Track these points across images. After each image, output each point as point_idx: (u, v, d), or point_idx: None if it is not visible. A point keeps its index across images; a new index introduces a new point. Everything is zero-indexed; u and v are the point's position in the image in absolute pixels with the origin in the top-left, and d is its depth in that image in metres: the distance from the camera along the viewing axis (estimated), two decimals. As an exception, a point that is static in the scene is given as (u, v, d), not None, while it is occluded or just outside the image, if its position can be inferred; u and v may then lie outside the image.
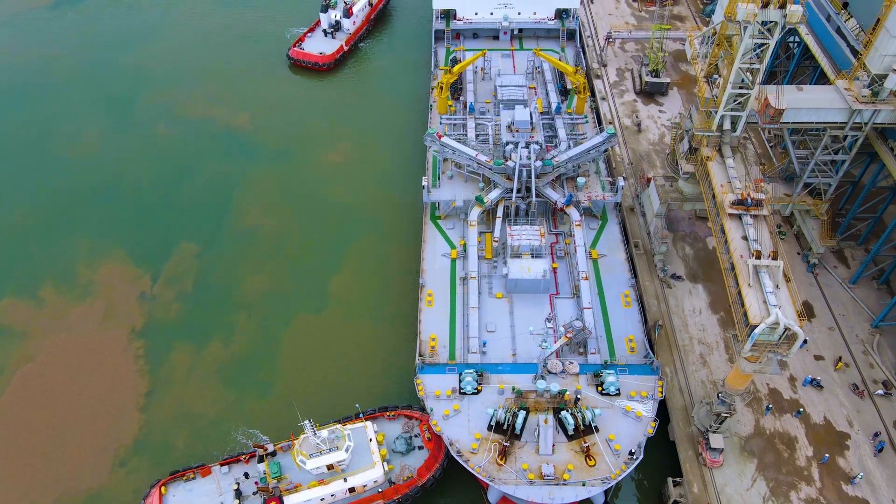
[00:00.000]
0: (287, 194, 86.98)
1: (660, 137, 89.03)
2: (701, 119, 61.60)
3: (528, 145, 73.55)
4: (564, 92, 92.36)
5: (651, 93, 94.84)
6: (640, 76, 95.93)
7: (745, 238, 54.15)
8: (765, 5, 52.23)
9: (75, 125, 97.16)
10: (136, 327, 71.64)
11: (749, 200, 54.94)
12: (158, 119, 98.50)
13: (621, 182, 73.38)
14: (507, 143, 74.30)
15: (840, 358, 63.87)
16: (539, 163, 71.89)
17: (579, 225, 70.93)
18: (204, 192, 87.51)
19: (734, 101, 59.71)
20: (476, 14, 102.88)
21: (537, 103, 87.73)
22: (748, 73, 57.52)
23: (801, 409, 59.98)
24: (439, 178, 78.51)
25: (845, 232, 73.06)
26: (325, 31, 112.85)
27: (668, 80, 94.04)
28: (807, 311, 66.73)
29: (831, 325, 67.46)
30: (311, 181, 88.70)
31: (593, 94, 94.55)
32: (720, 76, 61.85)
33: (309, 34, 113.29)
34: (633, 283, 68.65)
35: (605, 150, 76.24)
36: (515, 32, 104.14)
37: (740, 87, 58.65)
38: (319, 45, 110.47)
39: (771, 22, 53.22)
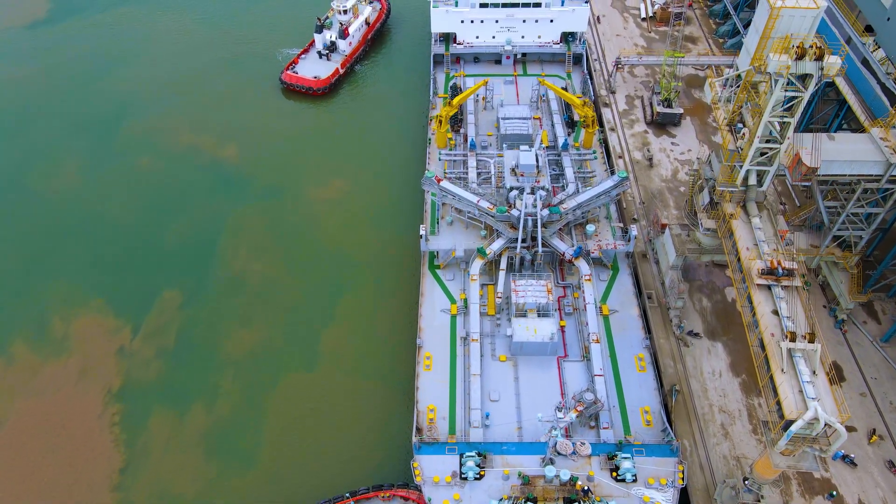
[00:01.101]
0: (277, 236, 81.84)
1: (673, 173, 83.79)
2: (724, 173, 56.34)
3: (533, 191, 68.41)
4: (571, 123, 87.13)
5: (663, 123, 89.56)
6: (651, 105, 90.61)
7: (776, 313, 48.99)
8: (800, 57, 46.99)
9: (52, 157, 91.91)
10: (112, 388, 66.59)
11: (780, 270, 49.75)
12: (141, 150, 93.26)
13: (634, 231, 68.15)
14: (512, 189, 69.12)
15: (874, 430, 58.72)
16: (546, 211, 66.73)
17: (589, 279, 65.73)
18: (189, 233, 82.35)
19: (761, 154, 54.52)
20: (477, 38, 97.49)
21: (543, 137, 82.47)
22: (778, 126, 52.28)
23: (834, 492, 54.89)
24: (438, 223, 73.32)
25: (876, 283, 67.71)
26: (319, 52, 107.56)
27: (681, 110, 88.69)
28: (836, 374, 61.60)
29: (863, 391, 62.28)
30: (303, 221, 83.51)
31: (601, 125, 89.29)
32: (745, 126, 56.63)
33: (303, 55, 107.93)
34: (648, 344, 63.49)
35: (617, 195, 71.13)
36: (519, 57, 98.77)
37: (768, 141, 53.44)
38: (314, 68, 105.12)
39: (806, 74, 48.04)
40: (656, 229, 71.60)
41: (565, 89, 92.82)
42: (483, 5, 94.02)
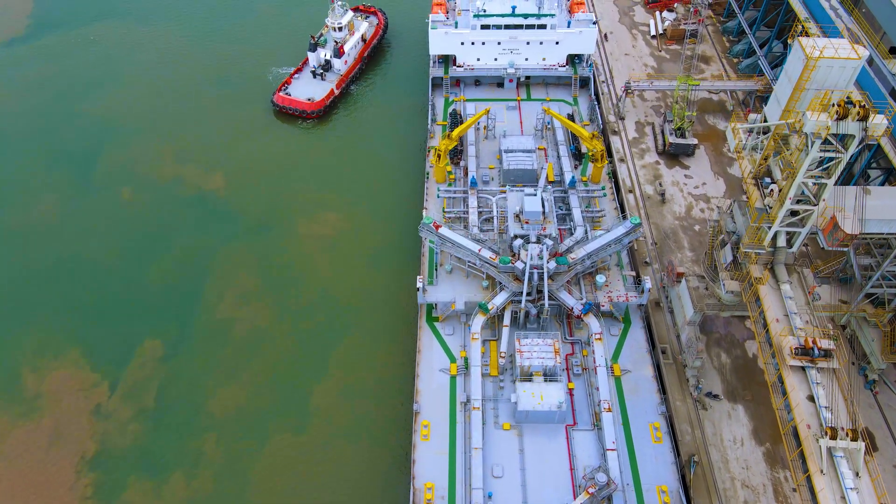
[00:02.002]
0: (266, 278, 76.80)
1: (687, 210, 78.66)
2: (750, 234, 51.27)
3: (539, 240, 63.41)
4: (578, 155, 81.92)
5: (675, 154, 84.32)
6: (663, 133, 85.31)
7: (812, 399, 44.15)
8: (841, 117, 41.90)
9: (26, 190, 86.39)
10: (86, 454, 61.83)
11: (816, 350, 44.83)
12: (123, 181, 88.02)
13: (648, 284, 63.13)
14: (516, 237, 64.10)
15: (912, 511, 54.02)
16: (552, 264, 61.72)
17: (600, 339, 60.70)
18: (173, 274, 77.29)
19: (792, 215, 49.47)
20: (478, 60, 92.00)
21: (548, 171, 77.33)
22: (812, 187, 47.24)
23: (870, 586, 50.19)
24: (436, 270, 68.33)
25: (909, 340, 62.90)
26: (313, 71, 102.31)
27: (695, 141, 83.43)
28: (868, 443, 56.73)
29: (897, 463, 57.62)
30: (293, 261, 78.42)
31: (610, 155, 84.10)
32: (773, 180, 51.48)
33: (296, 75, 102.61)
34: (664, 411, 58.65)
35: (629, 243, 66.11)
36: (522, 80, 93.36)
37: (800, 201, 48.38)
38: (308, 89, 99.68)
39: (847, 135, 42.96)
40: (671, 278, 66.57)
41: (571, 116, 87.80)
42: (485, 27, 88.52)
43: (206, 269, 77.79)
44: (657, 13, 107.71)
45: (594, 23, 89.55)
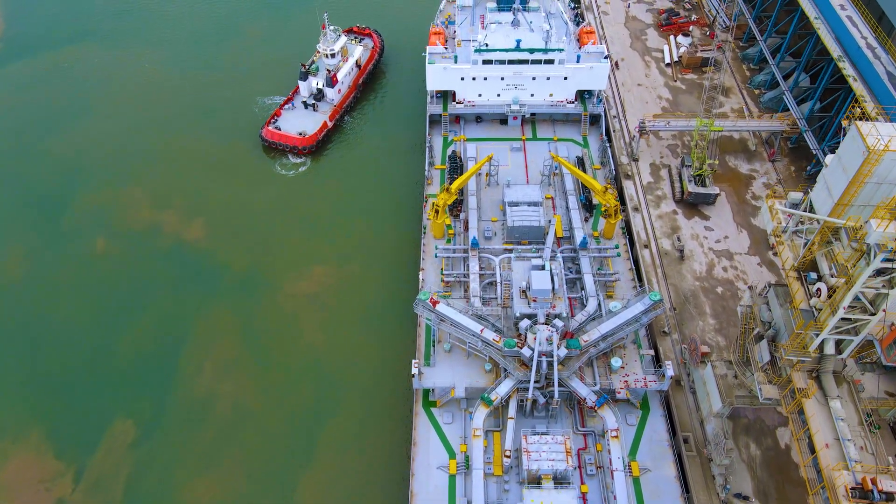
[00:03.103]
0: (248, 345, 70.31)
1: (708, 268, 71.98)
2: (793, 341, 44.65)
3: (548, 320, 56.85)
4: (589, 206, 75.14)
5: (695, 203, 77.49)
6: (681, 179, 78.43)
7: (872, 554, 37.81)
8: (913, 230, 35.27)
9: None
10: (45, 562, 56.06)
11: (876, 493, 38.37)
12: (96, 230, 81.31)
13: (669, 371, 56.56)
14: (522, 318, 57.49)
15: None
16: (563, 350, 55.20)
17: (616, 437, 54.20)
18: (148, 341, 70.79)
19: (844, 320, 42.89)
20: (480, 96, 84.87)
21: (557, 225, 70.61)
22: (871, 295, 40.60)
23: None
24: (434, 348, 61.79)
25: (960, 431, 56.46)
26: (305, 102, 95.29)
27: (716, 190, 76.45)
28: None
29: (952, 581, 51.24)
30: (279, 324, 71.77)
31: (623, 203, 77.36)
32: (820, 277, 44.79)
33: (286, 105, 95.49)
34: (690, 522, 52.47)
35: (648, 321, 59.52)
36: (527, 117, 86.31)
37: (853, 306, 41.73)
38: (299, 122, 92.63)
39: (917, 248, 36.30)
40: (694, 358, 60.07)
41: (581, 159, 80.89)
42: (487, 62, 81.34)
43: (183, 335, 71.32)
44: (671, 37, 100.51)
45: (606, 57, 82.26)
